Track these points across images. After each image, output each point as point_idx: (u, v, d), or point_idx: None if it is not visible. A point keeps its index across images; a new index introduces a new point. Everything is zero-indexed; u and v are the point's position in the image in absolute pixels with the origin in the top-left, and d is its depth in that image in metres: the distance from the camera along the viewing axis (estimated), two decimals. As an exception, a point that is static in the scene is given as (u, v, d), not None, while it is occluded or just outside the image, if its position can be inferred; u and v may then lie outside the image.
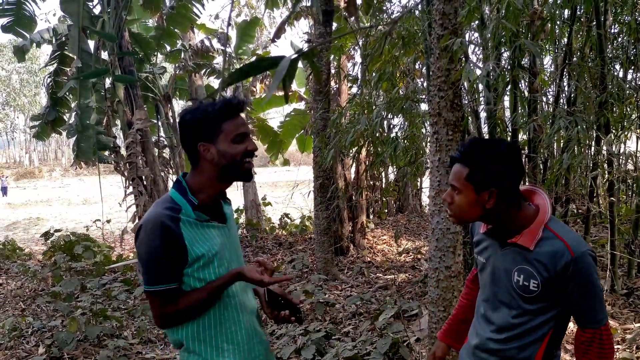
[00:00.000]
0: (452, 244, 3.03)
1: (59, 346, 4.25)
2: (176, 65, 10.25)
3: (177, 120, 1.69)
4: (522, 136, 4.76)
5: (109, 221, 10.36)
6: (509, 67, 3.94)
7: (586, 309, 1.55)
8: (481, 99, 4.44)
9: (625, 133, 4.57)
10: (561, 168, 3.70)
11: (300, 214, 10.80)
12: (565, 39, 4.55)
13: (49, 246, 8.88)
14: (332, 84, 7.63)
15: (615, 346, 3.43)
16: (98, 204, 16.14)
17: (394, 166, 6.46)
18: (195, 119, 1.62)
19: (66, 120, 8.80)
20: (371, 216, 11.32)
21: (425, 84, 5.17)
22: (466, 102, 4.33)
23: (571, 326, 3.51)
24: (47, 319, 5.21)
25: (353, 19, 6.97)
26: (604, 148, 4.33)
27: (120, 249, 9.90)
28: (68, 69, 8.68)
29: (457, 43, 2.78)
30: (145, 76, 8.74)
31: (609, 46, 4.71)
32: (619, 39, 4.94)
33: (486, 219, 1.63)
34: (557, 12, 4.41)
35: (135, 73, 7.43)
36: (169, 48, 9.43)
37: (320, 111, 6.45)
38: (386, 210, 12.19)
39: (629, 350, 3.46)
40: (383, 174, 11.71)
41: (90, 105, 7.63)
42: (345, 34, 6.85)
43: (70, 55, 8.32)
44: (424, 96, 5.03)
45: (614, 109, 4.21)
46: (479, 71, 3.41)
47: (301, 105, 11.52)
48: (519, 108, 4.25)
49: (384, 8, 6.26)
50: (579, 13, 4.45)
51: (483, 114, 4.57)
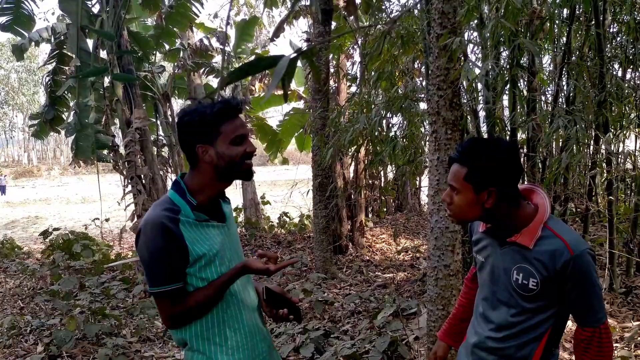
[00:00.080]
0: (451, 243, 3.03)
1: (57, 344, 4.24)
2: (175, 64, 10.23)
3: (176, 120, 1.68)
4: (521, 135, 4.77)
5: (107, 220, 10.35)
6: (507, 66, 3.95)
7: (585, 307, 1.56)
8: (480, 98, 4.44)
9: (624, 132, 4.58)
10: (560, 167, 3.71)
11: (299, 212, 10.80)
12: (564, 38, 4.55)
13: (47, 245, 8.87)
14: (331, 83, 7.62)
15: (614, 344, 3.44)
16: (97, 203, 16.13)
17: (393, 165, 6.47)
18: (193, 120, 1.61)
19: (65, 119, 8.77)
20: (370, 215, 11.33)
21: (424, 83, 5.17)
22: (465, 101, 4.34)
23: (570, 325, 3.52)
24: (46, 318, 5.20)
25: (352, 18, 6.96)
26: (603, 147, 4.33)
27: (119, 248, 9.90)
28: (67, 68, 8.65)
29: (456, 42, 2.78)
30: (144, 75, 8.70)
31: (608, 45, 4.71)
32: (618, 38, 4.94)
33: (486, 218, 1.63)
34: (556, 12, 4.42)
35: (134, 72, 7.41)
36: (167, 47, 9.41)
37: (319, 110, 6.45)
38: (385, 209, 12.21)
39: (627, 348, 3.47)
40: (382, 172, 11.74)
41: (89, 104, 7.61)
42: (345, 33, 6.85)
43: (69, 54, 8.30)
44: (422, 95, 5.04)
45: (613, 108, 4.22)
46: (478, 70, 3.41)
47: (300, 104, 11.52)
48: (518, 107, 4.25)
49: (383, 7, 6.26)
50: (578, 12, 4.45)
51: (482, 113, 4.57)
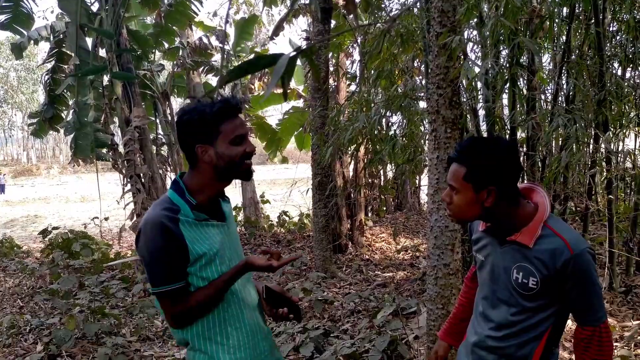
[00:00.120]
0: (451, 242, 3.03)
1: (57, 344, 4.23)
2: (174, 62, 10.23)
3: (175, 119, 1.68)
4: (521, 134, 4.76)
5: (107, 219, 10.34)
6: (507, 65, 3.94)
7: (585, 306, 1.55)
8: (480, 96, 4.44)
9: (624, 131, 4.58)
10: (560, 166, 3.71)
11: (298, 211, 10.80)
12: (564, 37, 4.55)
13: (46, 244, 8.86)
14: (331, 81, 7.62)
15: (614, 344, 3.44)
16: (96, 202, 16.11)
17: (393, 164, 6.47)
18: (193, 120, 1.60)
19: (64, 117, 8.77)
20: (370, 214, 11.33)
21: (423, 82, 5.16)
22: (465, 100, 4.33)
23: (570, 324, 3.52)
24: (45, 317, 5.20)
25: (352, 16, 6.95)
26: (603, 146, 4.33)
27: (119, 247, 9.89)
28: (66, 67, 8.64)
29: (456, 41, 2.78)
30: (143, 73, 8.70)
31: (608, 44, 4.71)
32: (618, 37, 4.94)
33: (485, 217, 1.63)
34: (556, 10, 4.41)
35: (133, 70, 7.41)
36: (167, 45, 9.41)
37: (319, 109, 6.44)
38: (385, 208, 12.21)
39: (627, 347, 3.47)
40: (381, 171, 11.73)
41: (88, 103, 7.61)
42: (344, 31, 6.84)
43: (68, 52, 8.29)
44: (422, 94, 5.03)
45: (613, 106, 4.22)
46: (477, 69, 3.41)
47: (300, 103, 11.52)
48: (518, 106, 4.24)
49: (383, 5, 6.26)
50: (577, 11, 4.45)
51: (482, 112, 4.57)
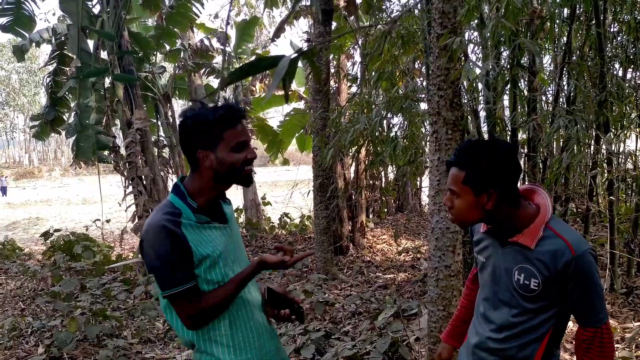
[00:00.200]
0: (452, 243, 3.03)
1: (58, 346, 4.24)
2: (176, 64, 10.24)
3: (178, 122, 1.69)
4: (522, 135, 4.76)
5: (108, 221, 10.35)
6: (508, 66, 3.94)
7: (587, 307, 1.55)
8: (481, 98, 4.44)
9: (625, 132, 4.57)
10: (561, 167, 3.71)
11: (299, 213, 10.79)
12: (565, 38, 4.55)
13: (48, 246, 8.87)
14: (332, 83, 7.62)
15: (615, 345, 3.43)
16: (97, 204, 16.12)
17: (394, 165, 6.46)
18: (196, 125, 1.61)
19: (66, 120, 8.78)
20: (371, 215, 11.31)
21: (424, 83, 5.16)
22: (465, 101, 4.33)
23: (571, 325, 3.51)
24: (47, 319, 5.20)
25: (352, 18, 6.96)
26: (604, 147, 4.33)
27: (120, 249, 9.90)
28: (67, 69, 8.67)
29: (457, 42, 2.78)
30: (145, 76, 8.71)
31: (609, 45, 4.71)
32: (619, 38, 4.94)
33: (487, 220, 1.62)
34: (557, 11, 4.41)
35: (134, 72, 7.42)
36: (168, 47, 9.42)
37: (320, 110, 6.44)
38: (386, 210, 12.20)
39: (628, 349, 3.46)
40: (382, 173, 11.72)
41: (89, 105, 7.62)
42: (345, 33, 6.84)
43: (70, 54, 8.31)
44: (423, 95, 5.03)
45: (614, 107, 4.21)
46: (478, 70, 3.41)
47: (301, 105, 11.52)
48: (519, 107, 4.25)
49: (384, 7, 6.26)
50: (578, 12, 4.45)
51: (482, 113, 4.57)
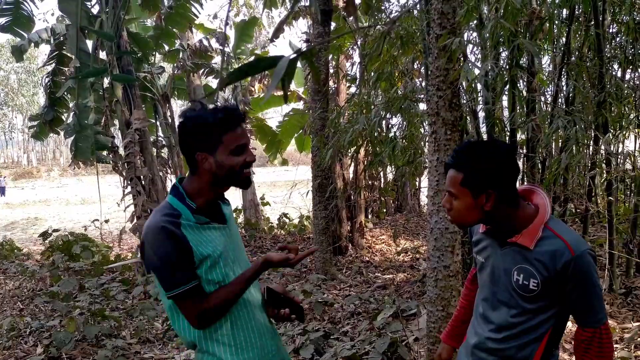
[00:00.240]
0: (451, 244, 3.03)
1: (57, 346, 4.23)
2: (174, 65, 10.24)
3: (177, 123, 1.69)
4: (521, 136, 4.77)
5: (107, 221, 10.34)
6: (507, 67, 3.95)
7: (586, 308, 1.55)
8: (480, 98, 4.44)
9: (624, 132, 4.58)
10: (559, 167, 3.71)
11: (298, 213, 10.79)
12: (564, 39, 4.56)
13: (47, 246, 8.86)
14: (331, 83, 7.62)
15: (614, 345, 3.44)
16: (96, 204, 16.11)
17: (393, 166, 6.47)
18: (195, 128, 1.61)
19: (64, 120, 8.77)
20: (370, 216, 11.32)
21: (423, 84, 5.17)
22: (464, 102, 4.34)
23: (570, 325, 3.51)
24: (45, 319, 5.19)
25: (352, 18, 6.96)
26: (602, 147, 4.33)
27: (119, 249, 9.89)
28: (66, 69, 8.65)
29: (456, 42, 2.78)
30: (144, 76, 8.71)
31: (608, 46, 4.72)
32: (618, 39, 4.95)
33: (487, 220, 1.63)
34: (556, 12, 4.42)
35: (133, 73, 7.41)
36: (167, 48, 9.41)
37: (319, 111, 6.44)
38: (385, 210, 12.20)
39: (627, 349, 3.47)
40: (381, 173, 11.72)
41: (88, 105, 7.61)
42: (344, 33, 6.85)
43: (69, 55, 8.30)
44: (422, 96, 5.04)
45: (612, 108, 4.22)
46: (477, 71, 3.41)
47: (300, 105, 11.52)
48: (518, 107, 4.25)
49: (383, 8, 6.27)
50: (577, 12, 4.45)
51: (481, 114, 4.57)
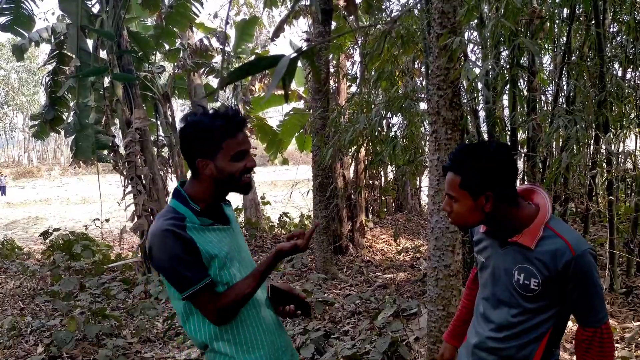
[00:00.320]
0: (451, 243, 3.03)
1: (57, 345, 4.24)
2: (175, 64, 10.23)
3: (179, 127, 1.70)
4: (521, 135, 4.76)
5: (107, 220, 10.34)
6: (508, 66, 3.95)
7: (587, 307, 1.55)
8: (480, 97, 4.44)
9: (624, 132, 4.58)
10: (560, 167, 3.71)
11: (299, 213, 10.79)
12: (564, 38, 4.55)
13: (47, 245, 8.86)
14: (332, 83, 7.62)
15: (615, 345, 3.43)
16: (97, 203, 16.12)
17: (393, 165, 6.47)
18: (196, 134, 1.62)
19: (65, 119, 8.77)
20: (370, 215, 11.32)
21: (424, 83, 5.17)
22: (465, 101, 4.34)
23: (570, 325, 3.51)
24: (46, 318, 5.20)
25: (352, 17, 6.96)
26: (603, 147, 4.33)
27: (119, 248, 9.90)
28: (67, 68, 8.65)
29: (456, 42, 2.78)
30: (144, 75, 8.70)
31: (608, 45, 4.71)
32: (618, 38, 4.94)
33: (488, 221, 1.63)
34: (556, 11, 4.42)
35: (134, 72, 7.41)
36: (167, 47, 9.40)
37: (320, 110, 6.44)
38: (385, 209, 12.20)
39: (628, 349, 3.47)
40: (382, 173, 11.72)
41: (89, 104, 7.61)
42: (345, 33, 6.84)
43: (69, 54, 8.30)
44: (423, 95, 5.04)
45: (613, 107, 4.22)
46: (478, 70, 3.41)
47: (300, 104, 11.52)
48: (518, 107, 4.25)
49: (383, 7, 6.27)
50: (578, 12, 4.45)
51: (482, 113, 4.57)
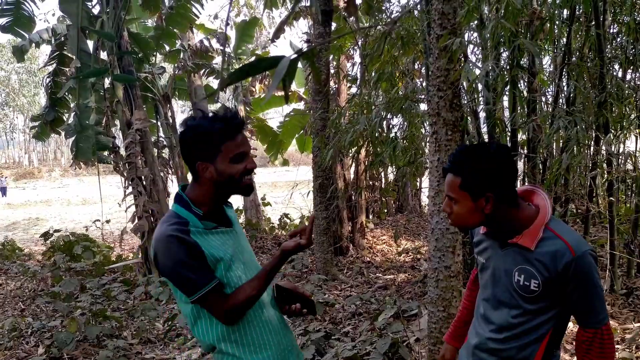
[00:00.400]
0: (452, 244, 3.03)
1: (58, 346, 4.24)
2: (175, 65, 10.23)
3: (179, 130, 1.71)
4: (522, 136, 4.76)
5: (108, 221, 10.35)
6: (508, 67, 3.95)
7: (587, 308, 1.55)
8: (480, 98, 4.44)
9: (625, 133, 4.58)
10: (560, 168, 3.71)
11: (299, 214, 10.79)
12: (564, 39, 4.56)
13: (48, 246, 8.87)
14: (332, 84, 7.62)
15: (615, 346, 3.43)
16: (97, 204, 16.12)
17: (394, 166, 6.47)
18: (195, 137, 1.62)
19: (65, 120, 8.77)
20: (370, 216, 11.31)
21: (424, 84, 5.17)
22: (465, 102, 4.34)
23: (571, 326, 3.51)
24: (47, 319, 5.20)
25: (352, 19, 6.96)
26: (603, 148, 4.33)
27: (120, 249, 9.90)
28: (67, 69, 8.65)
29: (456, 43, 2.78)
30: (145, 76, 8.71)
31: (608, 46, 4.71)
32: (618, 39, 4.94)
33: (488, 223, 1.63)
34: (556, 12, 4.42)
35: (134, 73, 7.42)
36: (168, 48, 9.41)
37: (320, 111, 6.44)
38: (385, 210, 12.19)
39: (628, 350, 3.46)
40: (382, 174, 11.72)
41: (89, 106, 7.61)
42: (345, 34, 6.85)
43: (70, 55, 8.30)
44: (423, 96, 5.04)
45: (613, 108, 4.22)
46: (478, 71, 3.41)
47: (300, 106, 11.52)
48: (518, 108, 4.25)
49: (383, 8, 6.27)
50: (578, 13, 4.45)
51: (482, 114, 4.57)
